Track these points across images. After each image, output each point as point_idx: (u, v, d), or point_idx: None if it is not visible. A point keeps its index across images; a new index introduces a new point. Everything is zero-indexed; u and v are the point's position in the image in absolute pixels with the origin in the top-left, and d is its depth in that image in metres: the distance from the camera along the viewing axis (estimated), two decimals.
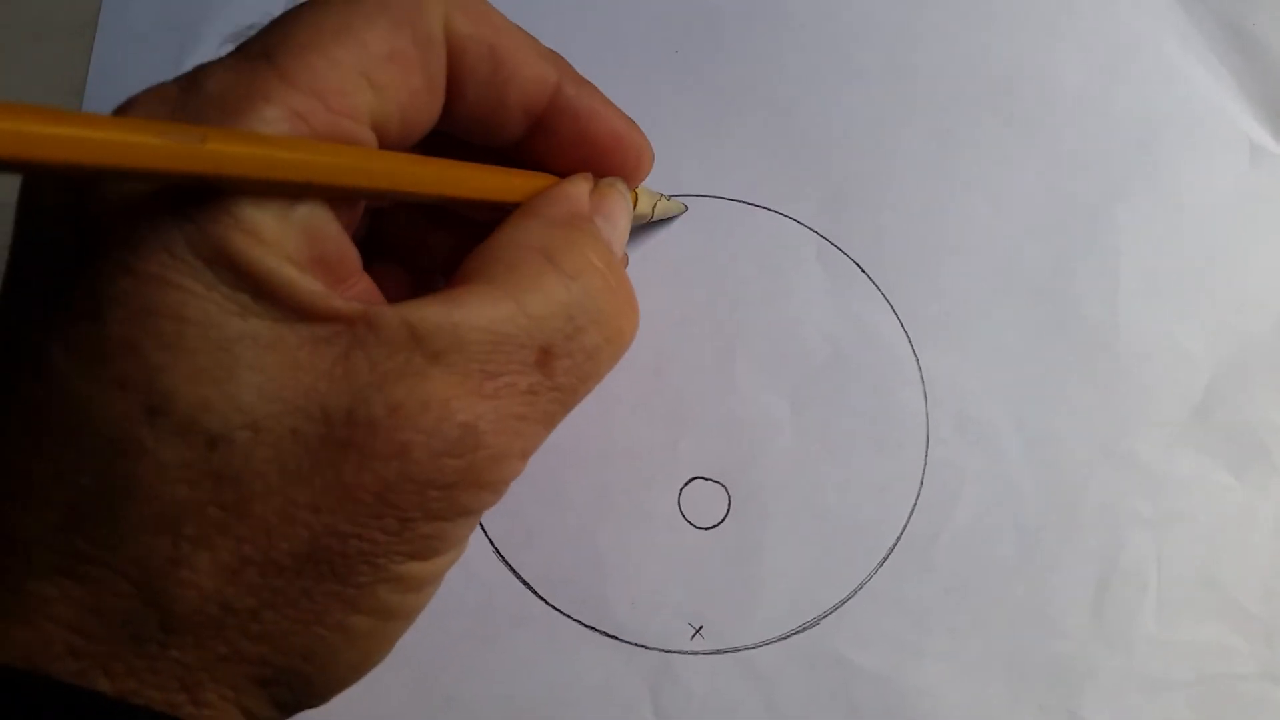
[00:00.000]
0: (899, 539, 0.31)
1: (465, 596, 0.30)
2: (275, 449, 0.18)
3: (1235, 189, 0.33)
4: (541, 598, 0.30)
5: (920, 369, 0.32)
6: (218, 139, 0.17)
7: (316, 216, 0.20)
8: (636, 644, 0.30)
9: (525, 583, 0.30)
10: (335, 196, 0.20)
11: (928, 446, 0.31)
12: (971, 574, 0.30)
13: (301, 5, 0.21)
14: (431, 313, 0.20)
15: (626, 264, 0.27)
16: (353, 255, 0.21)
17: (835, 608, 0.30)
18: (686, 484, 0.31)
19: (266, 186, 0.18)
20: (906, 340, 0.32)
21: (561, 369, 0.21)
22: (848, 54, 0.34)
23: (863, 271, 0.32)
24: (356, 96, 0.20)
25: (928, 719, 0.29)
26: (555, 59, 0.24)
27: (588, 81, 0.25)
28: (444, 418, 0.19)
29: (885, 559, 0.31)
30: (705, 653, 0.30)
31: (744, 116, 0.33)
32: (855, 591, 0.30)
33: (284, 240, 0.19)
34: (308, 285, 0.19)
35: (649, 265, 0.32)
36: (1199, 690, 0.30)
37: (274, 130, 0.19)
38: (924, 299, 0.32)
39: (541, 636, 0.30)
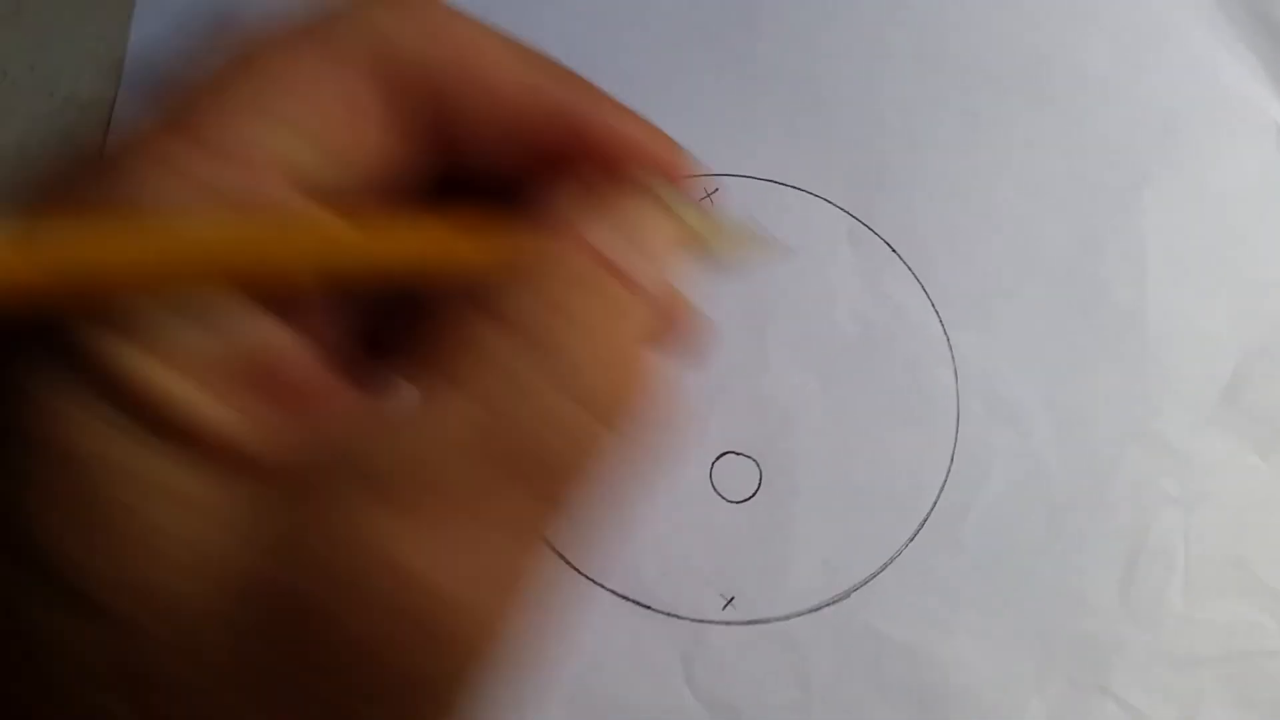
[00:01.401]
0: (929, 514, 0.31)
1: None
2: (195, 639, 0.14)
3: (1262, 173, 0.33)
4: (573, 565, 0.30)
5: (951, 348, 0.32)
6: (49, 239, 0.13)
7: (247, 324, 0.15)
8: (668, 613, 0.30)
9: (556, 550, 0.30)
10: (266, 286, 0.16)
11: (958, 424, 0.32)
12: (1001, 550, 0.31)
13: (241, 48, 0.17)
14: (385, 443, 0.15)
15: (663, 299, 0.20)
16: (299, 357, 0.17)
17: (866, 581, 0.31)
18: (718, 458, 0.31)
19: (159, 285, 0.14)
20: (937, 319, 0.32)
21: (544, 479, 0.17)
22: (881, 35, 0.34)
23: (894, 252, 0.33)
24: (280, 151, 0.16)
25: (957, 692, 0.30)
26: (548, 67, 0.20)
27: (607, 98, 0.20)
28: (407, 582, 0.15)
29: (915, 534, 0.31)
30: (737, 623, 0.30)
31: (776, 97, 0.34)
32: (886, 565, 0.31)
33: (201, 360, 0.15)
34: (232, 424, 0.15)
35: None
36: (1227, 667, 0.30)
37: (177, 203, 0.15)
38: (955, 279, 0.33)
39: (572, 604, 0.30)
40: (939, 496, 0.31)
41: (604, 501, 0.18)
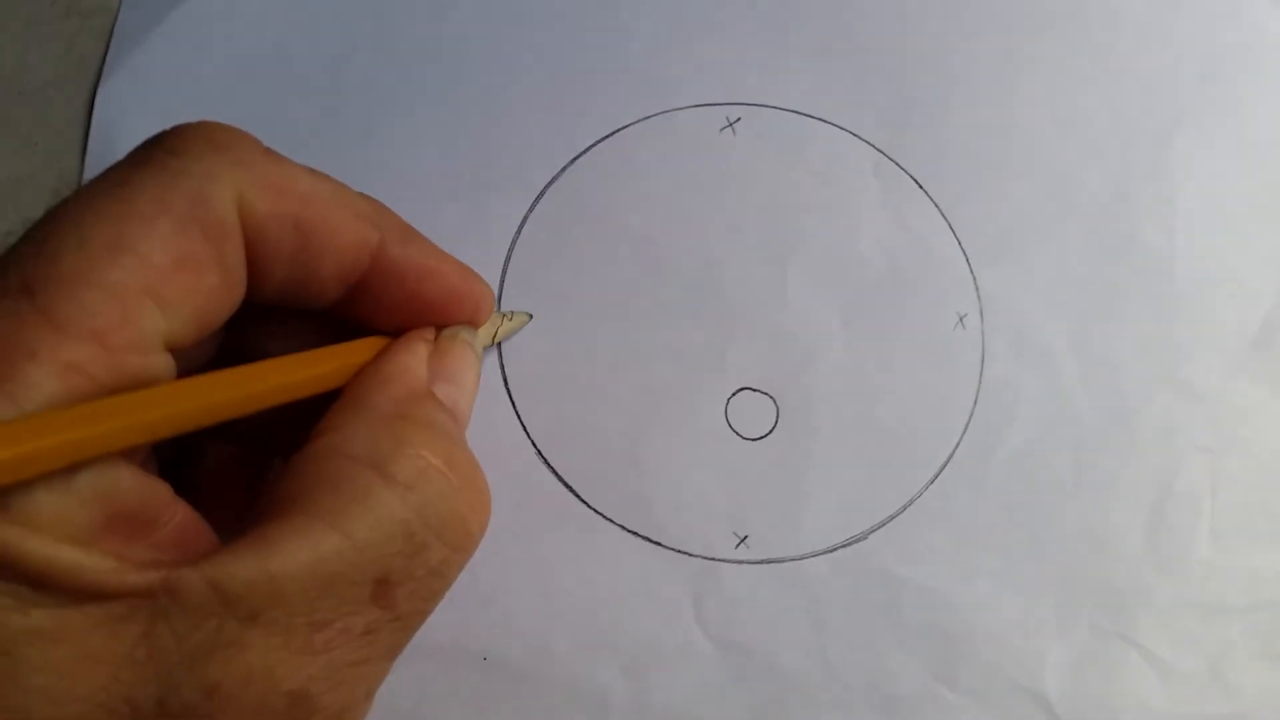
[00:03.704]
0: (951, 456, 0.30)
1: (504, 494, 0.29)
2: None
3: None
4: (583, 500, 0.29)
5: (977, 287, 0.31)
6: None
7: (105, 477, 0.17)
8: (679, 550, 0.29)
9: (566, 484, 0.29)
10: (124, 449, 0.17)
11: (983, 365, 0.31)
12: (1025, 494, 0.30)
13: (63, 208, 0.18)
14: (242, 567, 0.17)
15: (468, 422, 0.24)
16: (159, 494, 0.18)
17: (884, 523, 0.30)
18: (734, 394, 0.30)
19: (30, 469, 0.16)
20: (964, 257, 0.31)
21: (404, 596, 0.19)
22: None
23: (920, 188, 0.32)
24: (142, 323, 0.17)
25: (976, 636, 0.29)
26: (376, 214, 0.22)
27: (416, 234, 0.22)
28: (269, 690, 0.17)
29: (937, 476, 0.30)
30: (750, 562, 0.29)
31: (805, 27, 0.33)
32: (905, 507, 0.30)
33: (65, 517, 0.16)
34: (95, 564, 0.16)
35: (702, 170, 0.32)
36: (1254, 616, 0.29)
37: (44, 392, 0.16)
38: (982, 217, 0.32)
39: (583, 539, 0.29)
40: (961, 438, 0.30)
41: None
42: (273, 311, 0.22)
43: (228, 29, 0.32)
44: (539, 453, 0.30)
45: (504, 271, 0.31)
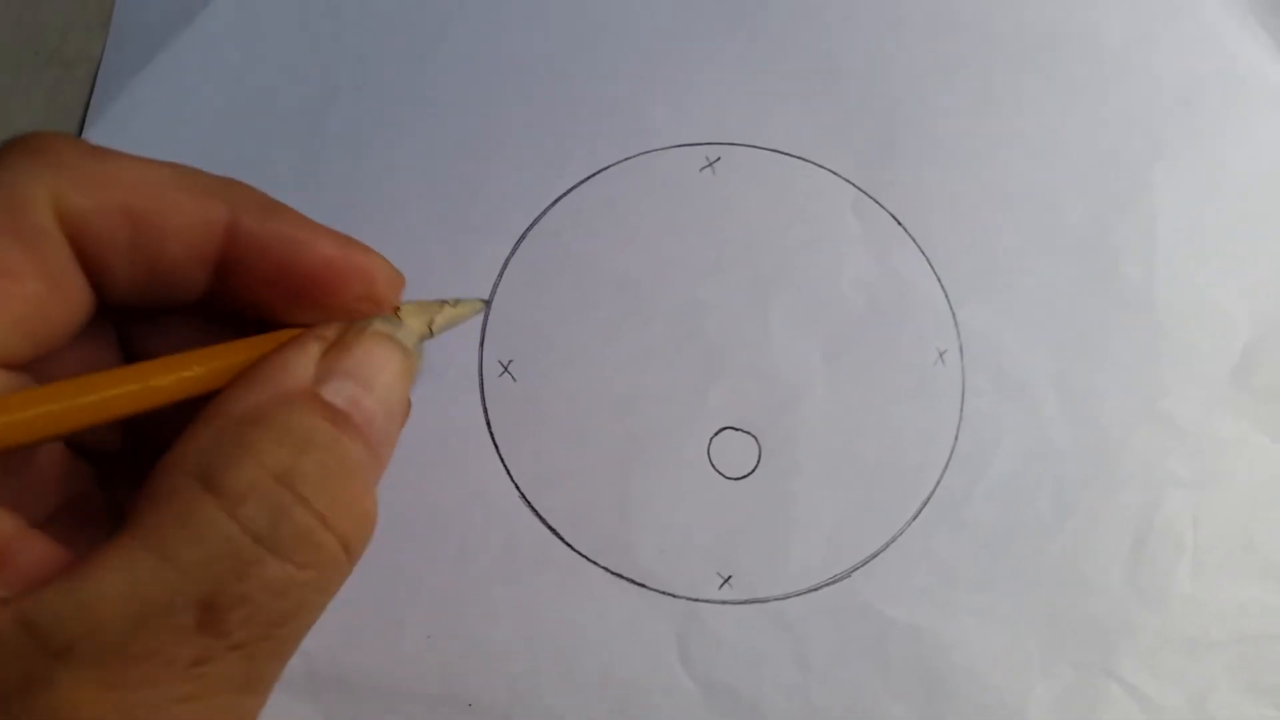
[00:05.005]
0: (933, 493, 0.30)
1: (488, 538, 0.29)
2: None
3: (1274, 150, 0.33)
4: (566, 543, 0.29)
5: (956, 323, 0.31)
6: None
7: None
8: (664, 592, 0.29)
9: (550, 527, 0.30)
10: None
11: (963, 401, 0.31)
12: (1006, 530, 0.30)
13: None
14: (53, 599, 0.15)
15: (408, 415, 0.21)
16: (2, 528, 0.17)
17: (867, 560, 0.30)
18: (717, 434, 0.31)
19: None
20: (943, 293, 0.31)
21: (238, 621, 0.17)
22: (892, 5, 0.33)
23: (899, 224, 0.32)
24: None
25: (961, 673, 0.29)
26: (226, 189, 0.20)
27: (280, 207, 0.20)
28: None
29: (919, 513, 0.30)
30: (734, 602, 0.29)
31: (784, 66, 0.33)
32: (887, 545, 0.30)
33: None
34: None
35: (683, 209, 0.32)
36: (1236, 650, 0.29)
37: None
38: (961, 253, 0.32)
39: (566, 581, 0.29)
40: (943, 474, 0.30)
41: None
42: (167, 313, 0.21)
43: (210, 75, 0.33)
44: (522, 495, 0.30)
45: (486, 316, 0.31)
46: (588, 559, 0.29)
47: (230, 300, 0.20)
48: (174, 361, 0.19)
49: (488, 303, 0.25)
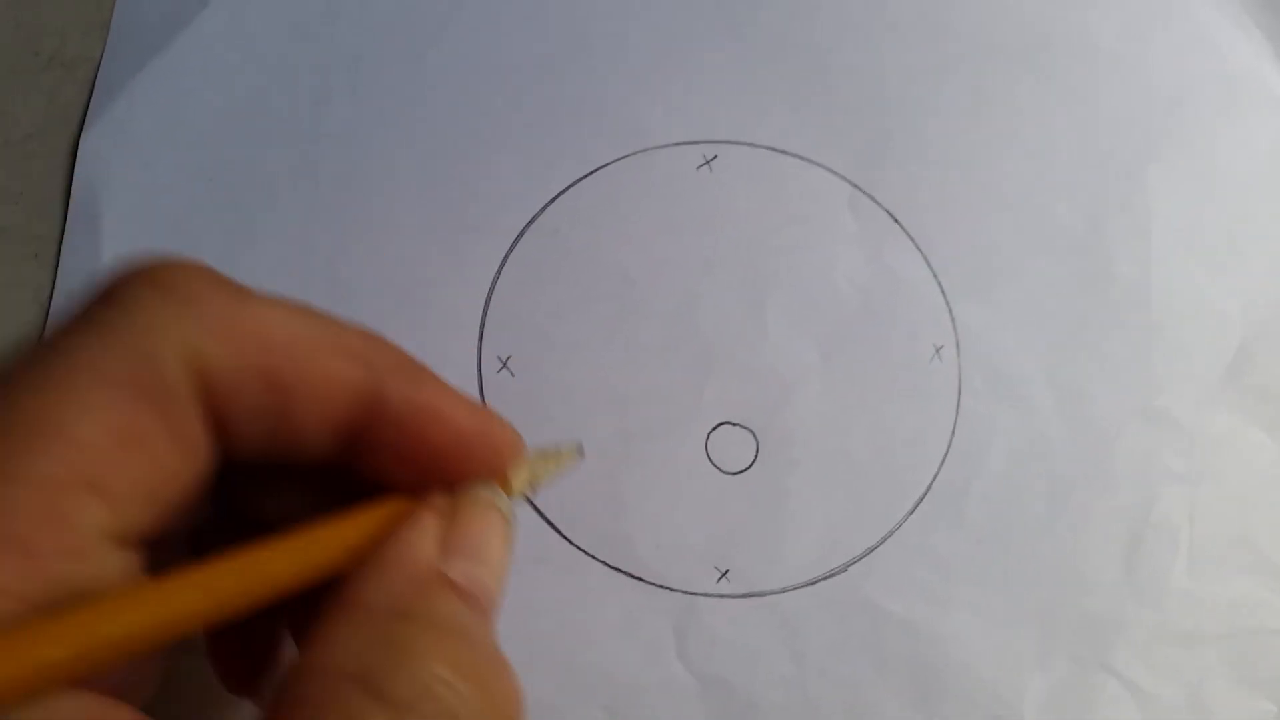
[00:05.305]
0: (929, 489, 0.30)
1: None
2: None
3: (1268, 150, 0.33)
4: (564, 537, 0.30)
5: (953, 319, 0.31)
6: None
7: (65, 706, 0.14)
8: (661, 585, 0.29)
9: (548, 521, 0.30)
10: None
11: (959, 398, 0.31)
12: (1002, 526, 0.30)
13: None
14: None
15: (500, 599, 0.20)
16: None
17: (864, 555, 0.30)
18: (714, 429, 0.31)
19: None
20: (939, 290, 0.32)
21: None
22: (885, 3, 0.34)
23: (896, 222, 0.32)
24: (78, 520, 0.15)
25: (957, 668, 0.29)
26: (368, 348, 0.19)
27: (419, 370, 0.19)
28: None
29: (915, 508, 0.30)
30: (731, 596, 0.29)
31: (780, 65, 0.33)
32: (884, 540, 0.30)
33: None
34: None
35: (680, 208, 0.32)
36: (1231, 644, 0.29)
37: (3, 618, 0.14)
38: (958, 251, 0.32)
39: (564, 576, 0.29)
40: (939, 470, 0.30)
41: None
42: (271, 466, 0.19)
43: (208, 77, 0.33)
44: None
45: (484, 313, 0.31)
46: (585, 553, 0.29)
47: (349, 461, 0.19)
48: (292, 548, 0.17)
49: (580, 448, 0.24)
